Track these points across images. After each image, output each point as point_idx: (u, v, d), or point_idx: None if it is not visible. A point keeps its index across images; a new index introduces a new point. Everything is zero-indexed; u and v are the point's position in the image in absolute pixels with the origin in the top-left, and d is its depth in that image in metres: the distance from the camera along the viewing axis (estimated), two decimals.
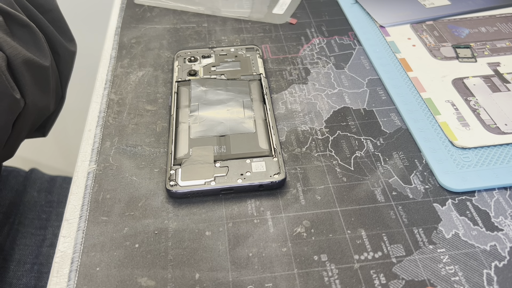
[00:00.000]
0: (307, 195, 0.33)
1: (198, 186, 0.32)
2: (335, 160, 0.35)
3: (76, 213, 0.32)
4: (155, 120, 0.39)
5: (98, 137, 0.38)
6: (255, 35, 0.49)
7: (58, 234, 0.40)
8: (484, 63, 0.43)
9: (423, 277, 0.28)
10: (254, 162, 0.34)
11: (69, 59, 0.51)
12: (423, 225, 0.31)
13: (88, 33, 1.01)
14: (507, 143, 0.36)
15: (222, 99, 0.39)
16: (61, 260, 0.30)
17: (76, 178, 0.35)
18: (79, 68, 0.80)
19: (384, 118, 0.39)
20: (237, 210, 0.32)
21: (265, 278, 0.29)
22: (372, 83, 0.42)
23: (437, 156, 0.35)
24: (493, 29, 0.48)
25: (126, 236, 0.31)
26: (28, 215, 0.61)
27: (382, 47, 0.46)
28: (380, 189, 0.33)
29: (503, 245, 0.30)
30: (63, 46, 0.48)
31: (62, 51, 0.48)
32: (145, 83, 0.43)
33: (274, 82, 0.43)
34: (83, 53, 0.90)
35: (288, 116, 0.39)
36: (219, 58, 0.44)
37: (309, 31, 0.49)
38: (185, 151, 0.35)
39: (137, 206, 0.33)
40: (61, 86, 0.52)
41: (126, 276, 0.29)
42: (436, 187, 0.33)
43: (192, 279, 0.29)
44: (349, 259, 0.29)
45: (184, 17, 0.51)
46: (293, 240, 0.30)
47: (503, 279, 0.28)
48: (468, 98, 0.40)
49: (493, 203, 0.32)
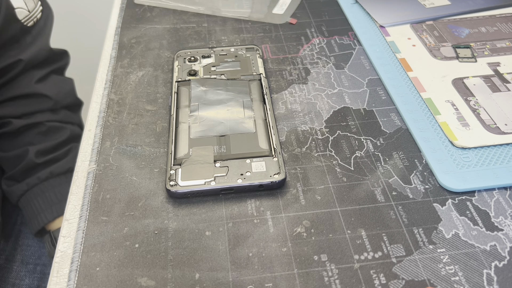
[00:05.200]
0: (307, 195, 0.33)
1: (198, 186, 0.32)
2: (335, 160, 0.35)
3: (76, 213, 0.32)
4: (155, 120, 0.39)
5: (98, 137, 0.38)
6: (255, 35, 0.49)
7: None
8: (484, 63, 0.43)
9: (423, 277, 0.28)
10: (254, 162, 0.34)
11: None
12: (423, 225, 0.31)
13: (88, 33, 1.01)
14: (507, 143, 0.36)
15: (222, 99, 0.39)
16: (61, 260, 0.30)
17: (76, 178, 0.35)
18: (79, 68, 0.80)
19: (384, 118, 0.39)
20: (237, 210, 0.32)
21: (265, 278, 0.29)
22: (372, 83, 0.42)
23: (437, 156, 0.35)
24: (493, 29, 0.48)
25: (126, 236, 0.31)
26: None
27: (382, 47, 0.46)
28: (380, 189, 0.33)
29: (503, 245, 0.30)
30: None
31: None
32: (145, 83, 0.43)
33: (274, 82, 0.43)
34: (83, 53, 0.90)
35: (288, 116, 0.39)
36: (219, 58, 0.44)
37: (309, 31, 0.49)
38: (185, 151, 0.35)
39: (137, 206, 0.33)
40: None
41: (126, 276, 0.29)
42: (436, 187, 0.33)
43: (192, 279, 0.29)
44: (349, 259, 0.29)
45: (184, 17, 0.51)
46: (293, 240, 0.30)
47: (503, 279, 0.28)
48: (468, 98, 0.40)
49: (493, 203, 0.32)
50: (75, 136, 0.63)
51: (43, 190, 0.58)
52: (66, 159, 0.60)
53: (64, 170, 0.59)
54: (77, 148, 0.60)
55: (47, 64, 0.62)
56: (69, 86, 0.65)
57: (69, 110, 0.64)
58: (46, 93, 0.60)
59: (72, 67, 0.69)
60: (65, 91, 0.63)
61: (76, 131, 0.63)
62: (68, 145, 0.61)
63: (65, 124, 0.62)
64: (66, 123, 0.62)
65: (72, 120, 0.64)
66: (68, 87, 0.65)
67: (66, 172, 0.59)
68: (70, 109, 0.64)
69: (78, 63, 0.78)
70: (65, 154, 0.60)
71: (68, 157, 0.60)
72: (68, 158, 0.60)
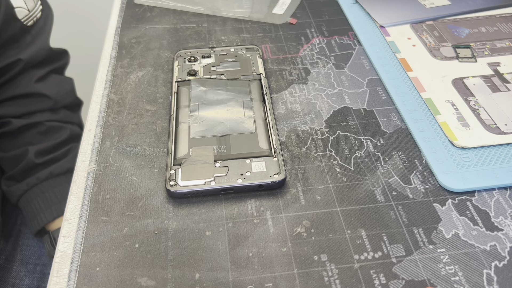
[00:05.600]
0: (307, 195, 0.33)
1: (198, 186, 0.32)
2: (335, 160, 0.35)
3: (76, 213, 0.32)
4: (155, 120, 0.39)
5: (98, 137, 0.38)
6: (255, 35, 0.49)
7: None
8: (484, 63, 0.43)
9: (423, 277, 0.28)
10: (254, 162, 0.34)
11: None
12: (423, 225, 0.31)
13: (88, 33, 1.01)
14: (507, 143, 0.36)
15: (222, 99, 0.39)
16: (61, 260, 0.30)
17: (76, 178, 0.35)
18: (79, 68, 0.80)
19: (384, 118, 0.39)
20: (237, 210, 0.32)
21: (265, 278, 0.29)
22: (372, 83, 0.42)
23: (437, 156, 0.35)
24: (493, 29, 0.48)
25: (126, 236, 0.31)
26: None
27: (382, 47, 0.46)
28: (380, 189, 0.33)
29: (503, 245, 0.30)
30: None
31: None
32: (145, 83, 0.43)
33: (274, 82, 0.43)
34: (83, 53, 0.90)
35: (288, 116, 0.39)
36: (219, 58, 0.44)
37: (309, 31, 0.49)
38: (185, 151, 0.35)
39: (137, 206, 0.33)
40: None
41: (126, 276, 0.29)
42: (436, 187, 0.33)
43: (192, 279, 0.29)
44: (349, 259, 0.29)
45: (184, 17, 0.51)
46: (293, 240, 0.30)
47: (503, 279, 0.28)
48: (468, 98, 0.40)
49: (493, 203, 0.32)
50: (75, 136, 0.63)
51: (42, 190, 0.58)
52: (66, 159, 0.60)
53: (64, 170, 0.59)
54: (77, 148, 0.61)
55: (47, 64, 0.62)
56: (69, 85, 0.65)
57: (69, 110, 0.64)
58: (46, 93, 0.60)
59: (72, 67, 0.69)
60: (64, 91, 0.63)
61: (76, 131, 0.63)
62: (68, 145, 0.61)
63: (64, 123, 0.62)
64: (65, 123, 0.62)
65: (71, 119, 0.64)
66: (67, 87, 0.65)
67: (66, 172, 0.59)
68: (70, 108, 0.64)
69: (78, 63, 0.78)
70: (64, 154, 0.60)
71: (67, 157, 0.60)
72: (68, 158, 0.60)
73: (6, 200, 0.60)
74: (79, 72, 0.77)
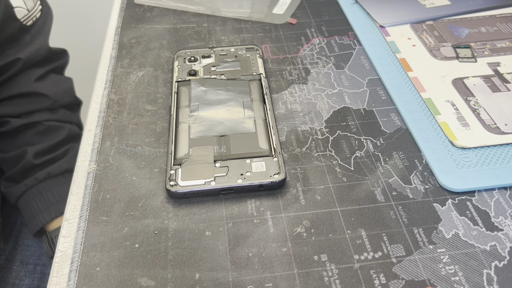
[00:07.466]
0: (307, 195, 0.33)
1: (198, 186, 0.32)
2: (335, 160, 0.35)
3: (76, 213, 0.32)
4: (155, 120, 0.39)
5: (98, 137, 0.38)
6: (255, 35, 0.49)
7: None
8: (484, 63, 0.43)
9: (423, 277, 0.28)
10: (254, 162, 0.34)
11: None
12: (423, 225, 0.31)
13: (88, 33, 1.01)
14: (507, 143, 0.36)
15: (222, 99, 0.39)
16: (61, 260, 0.30)
17: (76, 178, 0.35)
18: (79, 68, 0.80)
19: (384, 118, 0.39)
20: (237, 210, 0.32)
21: (265, 278, 0.29)
22: (372, 83, 0.42)
23: (437, 156, 0.35)
24: (493, 29, 0.48)
25: (126, 236, 0.31)
26: None
27: (382, 47, 0.46)
28: (380, 189, 0.33)
29: (503, 245, 0.30)
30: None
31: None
32: (145, 83, 0.43)
33: (274, 82, 0.43)
34: (83, 53, 0.90)
35: (288, 116, 0.39)
36: (219, 58, 0.44)
37: (309, 31, 0.49)
38: (185, 151, 0.35)
39: (137, 206, 0.33)
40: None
41: (126, 276, 0.29)
42: (436, 187, 0.33)
43: (192, 279, 0.29)
44: (349, 259, 0.29)
45: (184, 17, 0.51)
46: (293, 240, 0.30)
47: (503, 279, 0.28)
48: (468, 98, 0.40)
49: (493, 203, 0.32)
50: (74, 136, 0.63)
51: (41, 191, 0.58)
52: (64, 159, 0.60)
53: (62, 170, 0.59)
54: (75, 148, 0.61)
55: (46, 63, 0.62)
56: (68, 85, 0.65)
57: (68, 109, 0.64)
58: (45, 92, 0.60)
59: (72, 67, 0.69)
60: (63, 90, 0.63)
61: (75, 131, 0.63)
62: (66, 145, 0.61)
63: (63, 123, 0.62)
64: (64, 122, 0.62)
65: (70, 119, 0.64)
66: (66, 86, 0.64)
67: (64, 172, 0.59)
68: (69, 108, 0.64)
69: (78, 63, 0.78)
70: (63, 155, 0.60)
71: (66, 157, 0.60)
72: (66, 159, 0.60)
73: (6, 200, 0.60)
74: (79, 72, 0.77)
